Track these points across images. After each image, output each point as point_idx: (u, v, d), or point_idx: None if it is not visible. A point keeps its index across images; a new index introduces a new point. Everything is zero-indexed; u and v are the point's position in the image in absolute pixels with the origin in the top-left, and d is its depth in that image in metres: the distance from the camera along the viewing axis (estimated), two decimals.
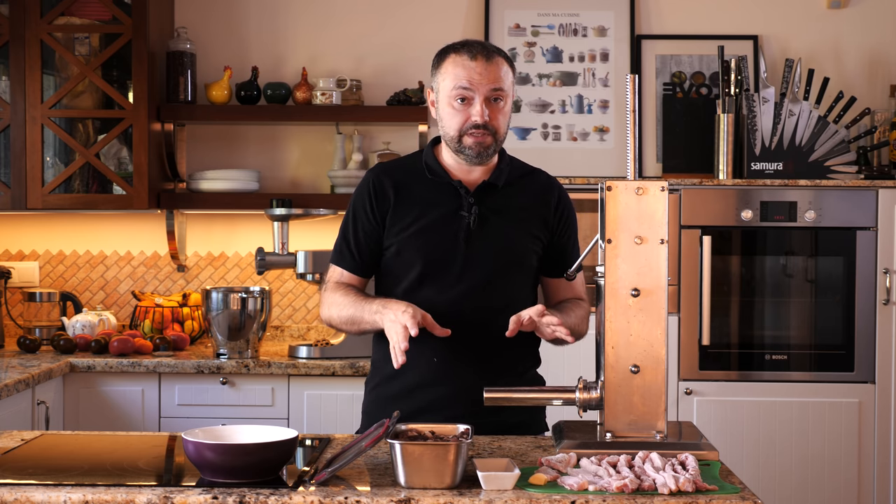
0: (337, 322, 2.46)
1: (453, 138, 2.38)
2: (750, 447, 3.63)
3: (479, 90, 2.35)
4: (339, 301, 2.43)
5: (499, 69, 2.37)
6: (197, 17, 4.20)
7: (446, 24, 4.18)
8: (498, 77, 2.36)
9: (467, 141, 2.37)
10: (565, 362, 3.38)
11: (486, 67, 2.35)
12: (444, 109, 2.39)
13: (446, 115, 2.39)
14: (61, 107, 3.92)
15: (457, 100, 2.36)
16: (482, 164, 2.41)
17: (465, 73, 2.35)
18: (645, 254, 2.08)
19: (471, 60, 2.36)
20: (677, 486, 1.80)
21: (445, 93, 2.38)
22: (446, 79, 2.38)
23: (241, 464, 1.85)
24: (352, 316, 2.40)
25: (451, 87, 2.37)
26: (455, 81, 2.36)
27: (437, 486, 1.82)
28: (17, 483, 1.85)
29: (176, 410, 3.60)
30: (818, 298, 3.70)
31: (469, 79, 2.34)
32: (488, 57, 2.37)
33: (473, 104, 2.35)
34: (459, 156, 2.40)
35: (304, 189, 4.18)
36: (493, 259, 2.39)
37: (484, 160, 2.40)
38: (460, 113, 2.36)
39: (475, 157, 2.38)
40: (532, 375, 2.51)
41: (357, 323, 2.40)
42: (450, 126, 2.38)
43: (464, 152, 2.38)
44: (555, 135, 4.16)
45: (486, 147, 2.37)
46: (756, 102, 3.81)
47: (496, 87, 2.36)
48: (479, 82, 2.34)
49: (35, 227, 4.23)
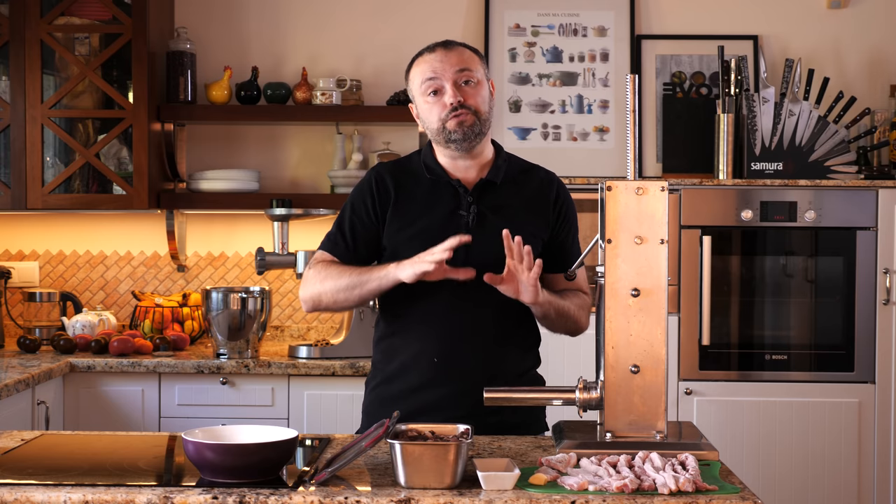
0: (329, 291, 2.38)
1: (437, 130, 2.40)
2: (750, 447, 3.63)
3: (445, 76, 2.38)
4: (335, 272, 2.39)
5: (461, 55, 2.41)
6: (197, 17, 4.20)
7: (446, 25, 4.18)
8: (461, 60, 2.40)
9: (450, 125, 2.38)
10: (565, 362, 3.38)
11: (445, 55, 2.40)
12: (422, 108, 2.43)
13: (424, 111, 2.42)
14: (61, 107, 3.92)
15: (428, 94, 2.40)
16: (472, 147, 2.40)
17: (427, 66, 2.40)
18: (645, 254, 2.08)
19: (430, 53, 2.42)
20: (677, 486, 1.80)
21: (418, 93, 2.42)
22: (415, 79, 2.43)
23: (241, 464, 1.84)
24: (352, 281, 2.36)
25: (419, 84, 2.41)
26: (422, 75, 2.41)
27: (437, 486, 1.82)
28: (17, 483, 1.85)
29: (176, 410, 3.60)
30: (818, 298, 3.70)
31: (432, 69, 2.39)
32: (447, 46, 2.43)
33: (444, 91, 2.39)
34: (450, 146, 2.40)
35: (304, 189, 4.18)
36: (494, 257, 2.39)
37: (473, 142, 2.39)
38: (436, 104, 2.39)
39: (462, 139, 2.38)
40: (532, 375, 2.51)
41: (359, 286, 2.35)
42: (430, 119, 2.41)
43: (451, 139, 2.38)
44: (555, 135, 4.16)
45: (470, 126, 2.38)
46: (756, 102, 3.81)
47: (461, 68, 2.39)
48: (443, 69, 2.38)
49: (35, 227, 4.23)
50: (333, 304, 2.41)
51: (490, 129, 2.45)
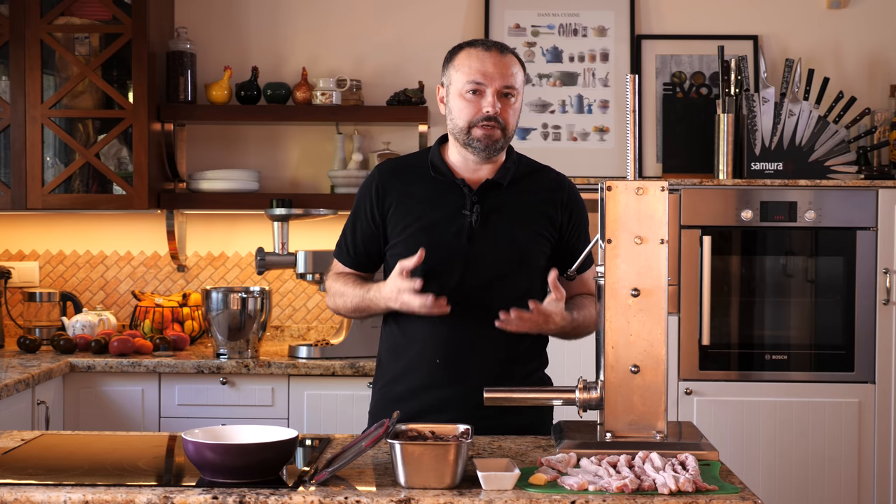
0: (344, 312, 2.51)
1: (462, 129, 2.38)
2: (750, 447, 3.63)
3: (492, 83, 2.36)
4: (343, 291, 2.48)
5: (512, 65, 2.39)
6: (197, 17, 4.20)
7: (446, 25, 4.18)
8: (510, 73, 2.38)
9: (476, 133, 2.37)
10: (565, 362, 3.38)
11: (500, 60, 2.38)
12: (455, 102, 2.40)
13: (457, 107, 2.39)
14: (61, 107, 3.92)
15: (469, 92, 2.37)
16: (489, 158, 2.41)
17: (479, 65, 2.37)
18: (645, 254, 2.08)
19: (485, 51, 2.38)
20: (677, 486, 1.80)
21: (458, 85, 2.39)
22: (459, 71, 2.39)
23: (241, 464, 1.84)
24: (358, 306, 2.46)
25: (464, 79, 2.38)
26: (469, 74, 2.37)
27: (437, 486, 1.82)
28: (17, 483, 1.85)
29: (176, 410, 3.60)
30: (818, 298, 3.70)
31: (483, 71, 2.36)
32: (502, 51, 2.40)
33: (485, 96, 2.37)
34: (468, 149, 2.40)
35: (304, 189, 4.18)
36: (497, 258, 2.39)
37: (491, 154, 2.40)
38: (472, 104, 2.37)
39: (483, 150, 2.38)
40: (539, 377, 2.49)
41: (365, 310, 2.46)
42: (460, 117, 2.39)
43: (472, 145, 2.38)
44: (555, 135, 4.16)
45: (495, 141, 2.38)
46: (756, 102, 3.81)
47: (508, 83, 2.37)
48: (493, 75, 2.36)
49: (35, 227, 4.23)
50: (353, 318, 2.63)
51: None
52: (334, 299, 2.51)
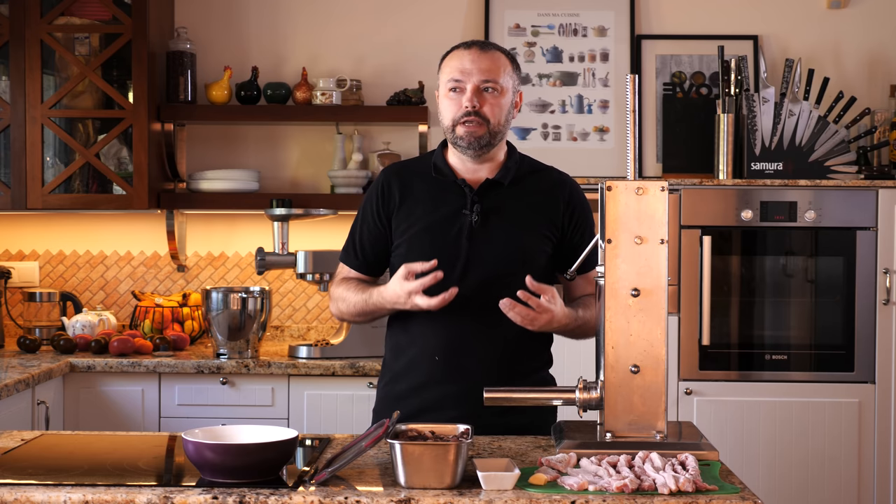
0: (349, 316, 2.51)
1: (448, 128, 2.43)
2: (750, 447, 3.63)
3: (469, 79, 2.39)
4: (347, 295, 2.48)
5: (493, 61, 2.40)
6: (197, 17, 4.20)
7: (446, 25, 4.18)
8: (490, 68, 2.39)
9: (459, 130, 2.40)
10: (565, 362, 3.38)
11: (478, 56, 2.40)
12: (442, 102, 2.45)
13: (443, 107, 2.45)
14: (61, 107, 3.92)
15: (451, 90, 2.41)
16: (478, 155, 2.42)
17: (458, 64, 2.41)
18: (645, 254, 2.08)
19: (465, 50, 2.42)
20: (677, 486, 1.80)
21: (443, 86, 2.44)
22: (443, 72, 2.45)
23: (241, 464, 1.84)
24: (362, 310, 2.46)
25: (446, 79, 2.43)
26: (449, 73, 2.42)
27: (437, 486, 1.82)
28: (17, 483, 1.85)
29: (176, 410, 3.60)
30: (818, 298, 3.70)
31: (461, 68, 2.40)
32: (483, 48, 2.42)
33: (465, 92, 2.39)
34: (456, 148, 2.44)
35: (304, 189, 4.18)
36: (497, 257, 2.39)
37: (478, 151, 2.41)
38: (454, 102, 2.41)
39: (467, 147, 2.40)
40: (541, 377, 2.48)
41: (370, 314, 2.46)
42: (445, 117, 2.44)
43: (458, 143, 2.42)
44: (555, 135, 4.16)
45: (478, 137, 2.39)
46: (756, 102, 3.81)
47: (486, 78, 2.39)
48: (470, 70, 2.39)
49: (35, 227, 4.23)
50: (357, 322, 2.58)
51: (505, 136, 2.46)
52: (338, 304, 2.51)
